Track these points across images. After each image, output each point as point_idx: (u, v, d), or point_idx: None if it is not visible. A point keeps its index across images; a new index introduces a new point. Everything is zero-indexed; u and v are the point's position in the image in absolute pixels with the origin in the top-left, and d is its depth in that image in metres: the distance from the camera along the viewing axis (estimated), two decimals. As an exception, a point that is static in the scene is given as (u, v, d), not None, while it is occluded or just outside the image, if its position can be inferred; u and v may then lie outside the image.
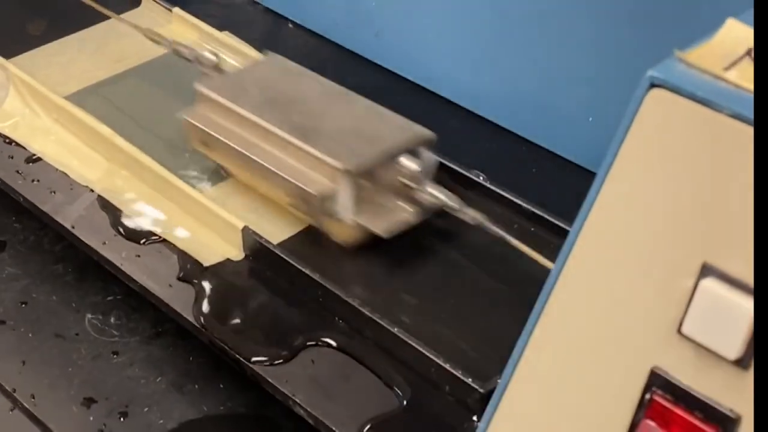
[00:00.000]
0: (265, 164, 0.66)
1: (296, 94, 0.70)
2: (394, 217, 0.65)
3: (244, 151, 0.67)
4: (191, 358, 0.71)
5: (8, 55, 0.81)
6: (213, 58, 0.74)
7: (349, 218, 0.64)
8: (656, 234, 0.42)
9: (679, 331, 0.41)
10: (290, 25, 0.87)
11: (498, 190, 0.66)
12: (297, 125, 0.66)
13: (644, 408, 0.43)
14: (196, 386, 0.69)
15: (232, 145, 0.67)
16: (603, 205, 0.44)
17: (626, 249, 0.43)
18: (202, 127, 0.69)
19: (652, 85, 0.42)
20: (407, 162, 0.64)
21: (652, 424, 0.43)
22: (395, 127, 0.67)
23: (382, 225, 0.64)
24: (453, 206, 0.64)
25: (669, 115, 0.42)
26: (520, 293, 0.62)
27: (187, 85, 0.79)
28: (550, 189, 0.70)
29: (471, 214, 0.63)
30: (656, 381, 0.42)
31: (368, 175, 0.64)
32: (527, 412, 0.47)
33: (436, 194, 0.64)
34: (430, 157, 0.66)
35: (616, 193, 0.44)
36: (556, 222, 0.64)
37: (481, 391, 0.55)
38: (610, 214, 0.44)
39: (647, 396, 0.43)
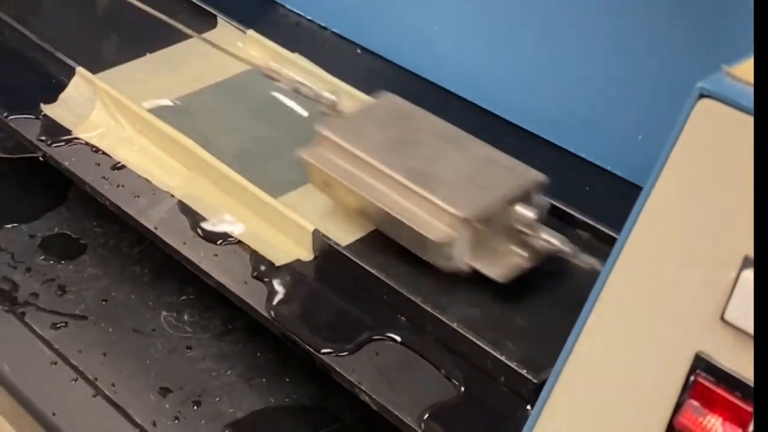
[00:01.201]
0: (385, 209, 0.67)
1: (413, 136, 0.71)
2: (508, 261, 0.66)
3: (365, 195, 0.68)
4: (259, 354, 0.76)
5: (95, 71, 0.85)
6: (333, 98, 0.75)
7: (465, 264, 0.66)
8: (702, 230, 0.46)
9: (722, 318, 0.45)
10: (358, 50, 0.92)
11: (549, 201, 0.70)
12: (415, 170, 0.68)
13: (689, 389, 0.47)
14: (264, 380, 0.74)
15: (353, 188, 0.69)
16: (655, 203, 0.48)
17: (674, 244, 0.47)
18: (324, 169, 0.70)
19: (701, 96, 0.46)
20: (523, 210, 0.65)
21: (695, 404, 0.46)
22: (510, 173, 0.68)
23: (498, 270, 0.65)
24: (567, 251, 0.65)
25: (716, 123, 0.46)
26: (568, 290, 0.66)
27: (259, 101, 0.85)
28: (602, 202, 0.74)
29: (585, 260, 0.64)
30: (700, 364, 0.46)
31: (485, 222, 0.65)
32: (579, 396, 0.51)
33: (552, 240, 0.65)
34: (543, 201, 0.67)
35: (667, 192, 0.48)
36: (605, 230, 0.68)
37: (535, 381, 0.59)
38: (661, 211, 0.48)
39: (691, 378, 0.46)
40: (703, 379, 0.46)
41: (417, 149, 0.70)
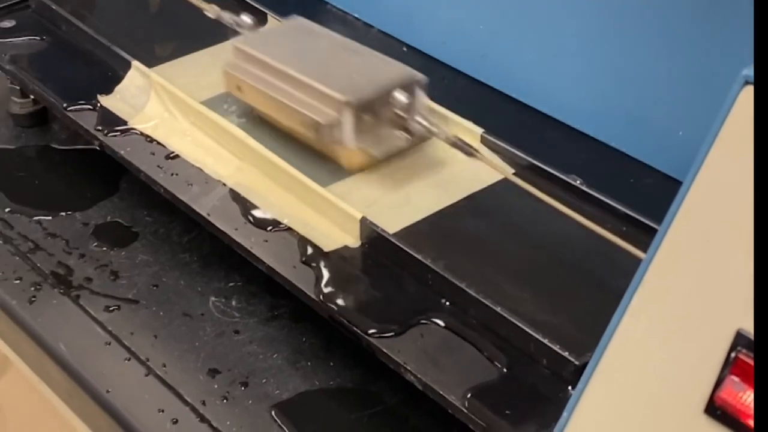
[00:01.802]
0: (283, 100, 0.78)
1: (314, 46, 0.82)
2: (389, 142, 0.77)
3: (267, 91, 0.79)
4: (304, 339, 0.78)
5: (150, 65, 0.88)
6: (250, 21, 0.86)
7: (352, 144, 0.76)
8: (743, 215, 0.48)
9: (762, 296, 0.47)
10: (404, 48, 0.94)
11: (592, 192, 0.72)
12: (310, 69, 0.78)
13: (729, 366, 0.48)
14: (309, 363, 0.76)
15: (259, 87, 0.79)
16: (700, 186, 0.50)
17: (716, 227, 0.49)
18: (237, 75, 0.81)
19: (746, 83, 0.48)
20: (399, 95, 0.76)
21: (736, 379, 0.48)
22: (393, 70, 0.79)
23: (379, 149, 0.76)
24: (434, 131, 0.76)
25: (759, 111, 0.48)
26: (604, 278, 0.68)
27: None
28: (643, 195, 0.76)
29: (447, 134, 0.76)
30: (741, 341, 0.47)
31: (366, 107, 0.75)
32: (621, 374, 0.53)
33: (424, 123, 0.75)
34: (420, 94, 0.77)
35: (712, 175, 0.49)
36: (645, 221, 0.70)
37: (577, 363, 0.61)
38: (705, 194, 0.49)
39: (732, 355, 0.48)
40: (744, 356, 0.48)
41: (317, 56, 0.81)
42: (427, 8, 0.93)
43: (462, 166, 0.78)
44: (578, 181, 0.74)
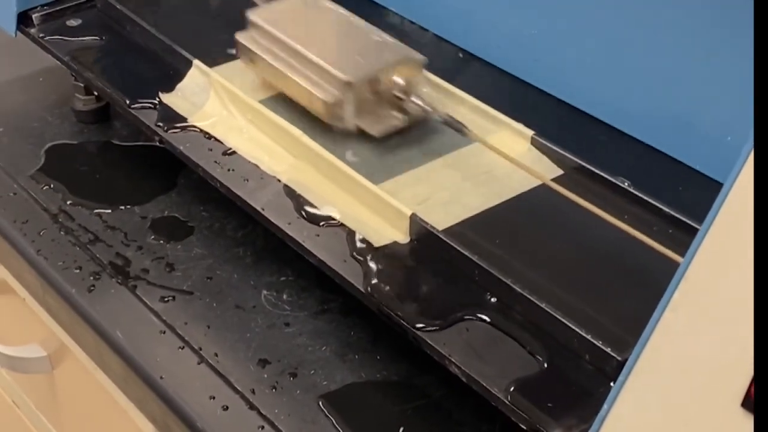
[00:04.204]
0: (292, 77, 0.83)
1: (326, 24, 0.86)
2: (387, 122, 0.81)
3: (276, 65, 0.84)
4: (352, 333, 0.79)
5: (210, 65, 0.90)
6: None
7: (351, 123, 0.80)
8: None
9: (801, 291, 0.48)
10: (460, 54, 0.96)
11: (639, 194, 0.73)
12: (317, 46, 0.83)
13: (763, 361, 0.49)
14: (356, 356, 0.77)
15: (269, 60, 0.85)
16: (741, 185, 0.51)
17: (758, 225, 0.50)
18: (249, 47, 0.87)
19: (787, 84, 0.49)
20: (397, 79, 0.80)
21: (774, 373, 0.49)
22: (394, 50, 0.83)
23: (377, 129, 0.81)
24: (429, 111, 0.80)
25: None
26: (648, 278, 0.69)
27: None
28: (690, 199, 0.77)
29: (441, 114, 0.80)
30: (779, 335, 0.49)
31: (366, 86, 0.80)
32: (660, 369, 0.54)
33: (420, 104, 0.80)
34: (419, 74, 0.82)
35: (749, 181, 0.51)
36: (692, 223, 0.70)
37: (619, 358, 0.62)
38: (746, 195, 0.50)
39: (770, 349, 0.49)
40: (781, 350, 0.48)
41: (326, 34, 0.86)
42: (483, 13, 0.94)
43: (511, 167, 0.79)
44: (626, 183, 0.75)
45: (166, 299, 0.83)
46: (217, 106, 0.88)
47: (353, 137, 0.82)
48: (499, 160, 0.79)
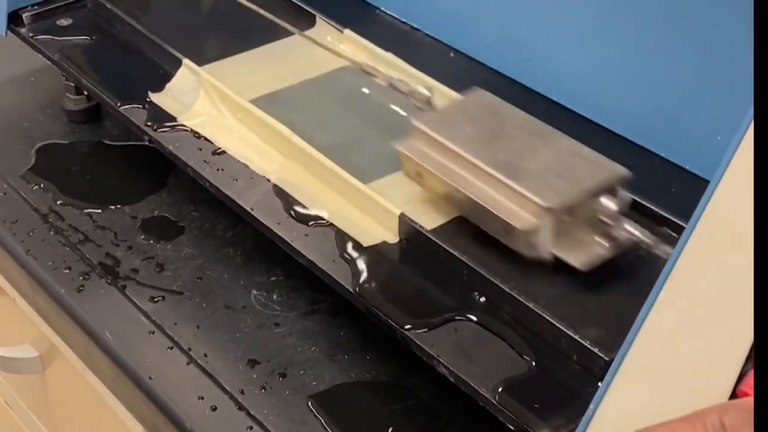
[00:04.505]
0: (473, 197, 0.71)
1: (501, 129, 0.74)
2: (590, 250, 0.69)
3: (454, 184, 0.72)
4: (342, 333, 0.79)
5: (200, 63, 0.90)
6: (427, 93, 0.80)
7: (547, 252, 0.69)
8: (770, 211, 0.49)
9: (786, 292, 0.48)
10: (451, 54, 0.96)
11: (630, 195, 0.73)
12: (502, 161, 0.71)
13: (752, 360, 0.49)
14: (346, 356, 0.77)
15: (443, 178, 0.73)
16: (725, 186, 0.51)
17: (741, 225, 0.50)
18: (417, 160, 0.74)
19: (773, 83, 0.49)
20: (606, 201, 0.69)
21: (759, 374, 0.49)
22: (595, 166, 0.71)
23: (580, 259, 0.69)
24: (647, 242, 0.68)
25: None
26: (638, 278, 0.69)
27: (353, 95, 0.89)
28: (680, 199, 0.76)
29: (665, 250, 0.67)
30: (764, 336, 0.48)
31: (569, 212, 0.69)
32: (646, 369, 0.54)
33: (634, 231, 0.68)
34: (626, 195, 0.70)
35: (737, 175, 0.50)
36: (681, 223, 0.70)
37: (606, 358, 0.62)
38: (730, 195, 0.51)
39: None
40: (767, 351, 0.48)
41: (505, 142, 0.73)
42: (475, 12, 0.94)
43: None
44: (616, 183, 0.74)
45: (155, 299, 0.82)
46: (206, 106, 0.88)
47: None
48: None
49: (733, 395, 0.49)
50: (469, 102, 0.79)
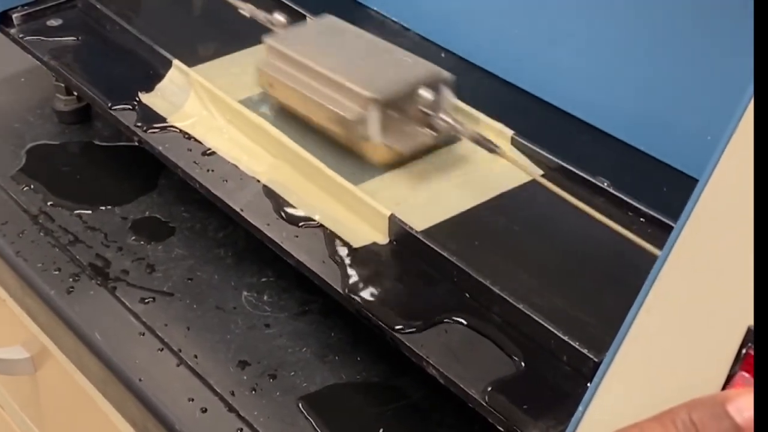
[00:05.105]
0: (312, 97, 0.80)
1: (342, 44, 0.84)
2: (414, 139, 0.79)
3: (296, 87, 0.82)
4: (333, 334, 0.79)
5: (190, 64, 0.90)
6: (283, 19, 0.88)
7: (377, 140, 0.77)
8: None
9: (773, 293, 0.48)
10: (442, 54, 0.96)
11: (618, 194, 0.73)
12: (338, 65, 0.80)
13: (740, 362, 0.49)
14: (336, 357, 0.77)
15: (289, 84, 0.82)
16: (714, 187, 0.51)
17: (729, 225, 0.50)
18: (269, 72, 0.84)
19: (761, 83, 0.49)
20: (425, 93, 0.77)
21: (746, 375, 0.48)
22: (419, 67, 0.81)
23: (405, 146, 0.78)
24: (460, 129, 0.77)
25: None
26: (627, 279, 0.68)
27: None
28: (670, 198, 0.76)
29: (470, 133, 0.77)
30: (751, 338, 0.48)
31: (393, 105, 0.78)
32: (635, 370, 0.54)
33: (449, 120, 0.77)
34: (446, 91, 0.78)
35: (725, 177, 0.50)
36: (671, 223, 0.70)
37: (596, 360, 0.62)
38: (719, 194, 0.50)
39: (743, 351, 0.49)
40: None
41: (343, 53, 0.83)
42: (466, 13, 0.94)
43: (490, 166, 0.79)
44: (605, 183, 0.75)
45: (146, 300, 0.82)
46: (197, 106, 0.88)
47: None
48: (479, 160, 0.79)
49: (721, 397, 0.49)
50: (317, 23, 0.90)
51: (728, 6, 0.73)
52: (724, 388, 0.49)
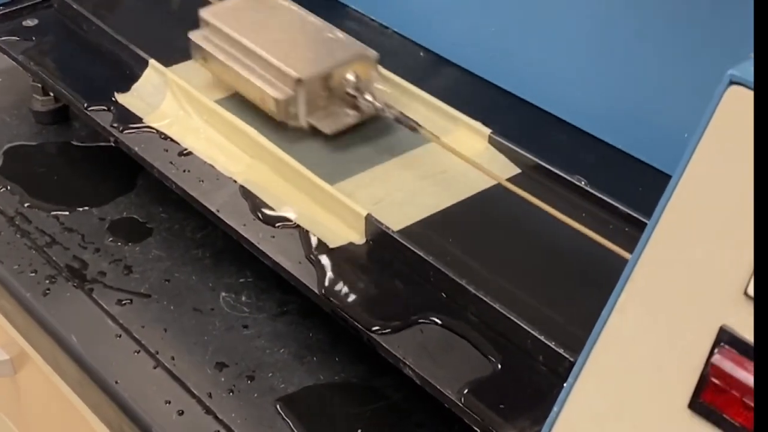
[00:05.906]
0: (244, 75, 0.82)
1: (276, 21, 0.86)
2: (339, 119, 0.81)
3: (229, 64, 0.84)
4: (311, 335, 0.79)
5: (167, 64, 0.89)
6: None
7: (303, 120, 0.80)
8: (729, 212, 0.49)
9: (745, 292, 0.47)
10: (421, 53, 0.96)
11: (595, 193, 0.73)
12: (269, 44, 0.82)
13: (707, 365, 0.49)
14: (314, 358, 0.76)
15: (221, 59, 0.84)
16: (686, 186, 0.51)
17: (702, 224, 0.50)
18: (201, 45, 0.86)
19: (731, 83, 0.48)
20: (349, 76, 0.80)
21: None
22: (346, 47, 0.82)
23: (330, 126, 0.81)
24: (381, 108, 0.79)
25: (745, 110, 0.48)
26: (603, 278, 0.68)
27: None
28: (647, 197, 0.76)
29: (393, 112, 0.79)
30: (724, 337, 0.48)
31: (319, 85, 0.80)
32: (610, 369, 0.53)
33: (373, 102, 0.79)
34: (372, 71, 0.81)
35: (697, 176, 0.50)
36: (646, 221, 0.70)
37: (572, 359, 0.61)
38: (691, 193, 0.50)
39: (716, 350, 0.49)
40: (726, 351, 0.48)
41: (277, 31, 0.84)
42: (444, 11, 0.94)
43: (467, 167, 0.79)
44: (583, 182, 0.75)
45: (123, 302, 0.82)
46: (173, 107, 0.87)
47: (307, 136, 0.81)
48: (455, 160, 0.79)
49: (694, 397, 0.49)
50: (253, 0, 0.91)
51: (703, 5, 0.73)
52: (697, 387, 0.49)
